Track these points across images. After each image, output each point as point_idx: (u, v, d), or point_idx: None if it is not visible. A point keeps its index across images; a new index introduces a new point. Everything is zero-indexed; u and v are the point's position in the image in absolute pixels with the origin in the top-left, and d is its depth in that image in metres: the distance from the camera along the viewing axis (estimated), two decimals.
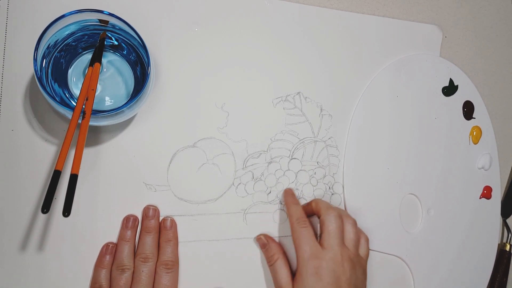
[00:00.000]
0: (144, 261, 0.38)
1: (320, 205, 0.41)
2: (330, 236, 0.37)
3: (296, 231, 0.39)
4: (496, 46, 0.55)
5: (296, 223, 0.39)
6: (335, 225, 0.38)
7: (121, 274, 0.37)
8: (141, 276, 0.37)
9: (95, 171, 0.39)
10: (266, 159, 0.44)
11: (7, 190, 0.38)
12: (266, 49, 0.44)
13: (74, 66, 0.37)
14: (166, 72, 0.41)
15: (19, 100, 0.38)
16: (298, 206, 0.41)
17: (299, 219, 0.39)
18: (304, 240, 0.38)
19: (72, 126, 0.32)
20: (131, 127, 0.40)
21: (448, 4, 0.52)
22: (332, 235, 0.38)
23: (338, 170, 0.47)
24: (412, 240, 0.49)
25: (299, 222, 0.39)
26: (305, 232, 0.38)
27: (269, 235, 0.43)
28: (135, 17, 0.38)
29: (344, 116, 0.47)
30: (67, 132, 0.32)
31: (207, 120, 0.42)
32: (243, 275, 0.43)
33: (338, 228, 0.38)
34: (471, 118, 0.52)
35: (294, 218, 0.40)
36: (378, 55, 0.48)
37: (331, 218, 0.38)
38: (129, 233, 0.39)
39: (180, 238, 0.41)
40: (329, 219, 0.39)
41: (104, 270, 0.38)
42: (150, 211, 0.40)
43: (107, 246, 0.39)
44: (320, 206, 0.41)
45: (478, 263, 0.52)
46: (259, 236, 0.43)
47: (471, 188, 0.52)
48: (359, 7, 0.48)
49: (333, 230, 0.38)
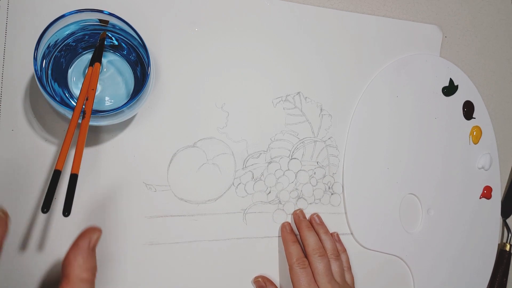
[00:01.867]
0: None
1: (304, 243, 0.43)
2: (320, 276, 0.41)
3: (295, 272, 0.40)
4: (496, 46, 0.55)
5: (296, 264, 0.41)
6: (322, 265, 0.41)
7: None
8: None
9: (95, 171, 0.39)
10: (266, 159, 0.44)
11: (7, 190, 0.38)
12: (266, 49, 0.44)
13: (74, 66, 0.37)
14: (166, 72, 0.41)
15: (19, 100, 0.38)
16: (296, 244, 0.42)
17: (298, 260, 0.41)
18: (304, 282, 0.40)
19: (72, 126, 0.32)
20: (131, 127, 0.40)
21: (448, 4, 0.52)
22: (321, 275, 0.40)
23: (338, 170, 0.47)
24: (412, 240, 0.49)
25: (298, 263, 0.41)
26: (304, 273, 0.40)
27: (267, 277, 0.43)
28: (135, 17, 0.38)
29: (344, 116, 0.47)
30: (67, 132, 0.32)
31: (207, 120, 0.42)
32: (243, 275, 0.43)
33: (325, 267, 0.41)
34: (471, 118, 0.52)
35: (293, 258, 0.41)
36: (378, 55, 0.48)
37: (317, 259, 0.41)
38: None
39: (180, 238, 0.41)
40: (316, 260, 0.41)
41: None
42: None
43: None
44: (304, 244, 0.43)
45: (478, 263, 0.52)
46: (257, 279, 0.43)
47: (471, 188, 0.52)
48: (359, 7, 0.48)
49: (321, 269, 0.41)
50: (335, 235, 0.46)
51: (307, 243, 0.42)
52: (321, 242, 0.43)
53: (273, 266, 0.44)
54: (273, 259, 0.44)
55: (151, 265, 0.41)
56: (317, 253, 0.41)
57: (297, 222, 0.44)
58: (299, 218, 0.44)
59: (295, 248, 0.42)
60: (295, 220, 0.44)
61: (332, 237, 0.45)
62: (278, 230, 0.44)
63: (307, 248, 0.42)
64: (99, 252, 0.39)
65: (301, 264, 0.41)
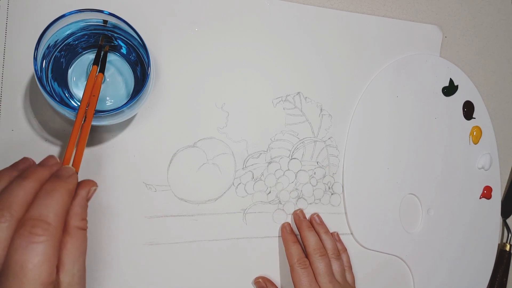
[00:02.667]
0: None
1: (305, 243, 0.43)
2: (321, 276, 0.41)
3: (297, 273, 0.41)
4: (496, 46, 0.55)
5: (297, 264, 0.41)
6: (323, 265, 0.41)
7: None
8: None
9: (95, 171, 0.39)
10: (266, 159, 0.44)
11: None
12: (266, 49, 0.44)
13: (74, 66, 0.37)
14: (166, 72, 0.41)
15: (19, 100, 0.38)
16: (297, 245, 0.42)
17: (299, 261, 0.41)
18: (305, 282, 0.40)
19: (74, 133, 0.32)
20: (131, 127, 0.40)
21: (448, 4, 0.52)
22: (322, 275, 0.41)
23: (338, 170, 0.47)
24: (412, 240, 0.49)
25: (299, 263, 0.41)
26: (305, 273, 0.40)
27: (268, 278, 0.43)
28: (135, 17, 0.38)
29: (344, 116, 0.47)
30: (70, 138, 0.32)
31: (207, 120, 0.42)
32: (243, 275, 0.43)
33: (326, 266, 0.41)
34: (471, 118, 0.52)
35: (294, 258, 0.41)
36: (378, 55, 0.48)
37: (318, 259, 0.41)
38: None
39: (180, 238, 0.41)
40: (316, 260, 0.41)
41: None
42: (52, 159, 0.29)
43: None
44: (305, 244, 0.43)
45: (478, 263, 0.52)
46: (258, 279, 0.43)
47: (471, 188, 0.52)
48: (359, 7, 0.48)
49: (322, 269, 0.41)
50: (335, 235, 0.46)
51: (308, 243, 0.42)
52: (321, 242, 0.43)
53: (273, 266, 0.44)
54: (273, 259, 0.44)
55: (151, 265, 0.41)
56: (317, 253, 0.41)
57: (298, 222, 0.44)
58: (299, 218, 0.44)
59: (295, 249, 0.42)
60: (295, 220, 0.44)
61: (332, 236, 0.45)
62: (278, 230, 0.44)
63: (308, 248, 0.42)
64: (99, 252, 0.39)
65: (302, 264, 0.41)
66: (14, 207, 0.24)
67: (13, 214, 0.23)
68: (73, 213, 0.26)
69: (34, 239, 0.23)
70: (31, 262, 0.22)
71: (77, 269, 0.25)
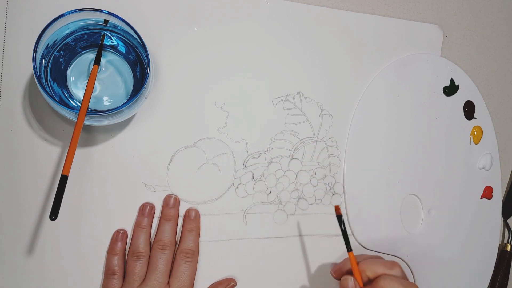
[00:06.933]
0: (162, 249, 0.38)
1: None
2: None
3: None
4: (497, 45, 0.55)
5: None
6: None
7: (136, 260, 0.37)
8: (158, 263, 0.38)
9: (94, 171, 0.39)
10: (266, 159, 0.44)
11: (6, 190, 0.37)
12: (266, 49, 0.44)
13: (73, 66, 0.37)
14: (165, 72, 0.41)
15: (18, 100, 0.38)
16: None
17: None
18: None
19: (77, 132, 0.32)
20: (130, 127, 0.40)
21: (449, 4, 0.52)
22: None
23: (338, 170, 0.47)
24: (413, 240, 0.49)
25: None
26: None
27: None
28: (135, 17, 0.38)
29: (344, 116, 0.47)
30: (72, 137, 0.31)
31: (206, 120, 0.42)
32: (243, 276, 0.43)
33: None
34: (472, 118, 0.52)
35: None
36: (378, 54, 0.48)
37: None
38: (145, 220, 0.39)
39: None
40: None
41: (117, 257, 0.38)
42: (171, 199, 0.40)
43: (118, 233, 0.39)
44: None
45: (478, 264, 0.52)
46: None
47: (472, 188, 0.52)
48: (359, 7, 0.48)
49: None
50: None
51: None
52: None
53: (273, 266, 0.44)
54: (274, 260, 0.44)
55: None
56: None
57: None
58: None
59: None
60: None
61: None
62: (278, 230, 0.44)
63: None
64: (99, 252, 0.39)
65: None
66: (168, 243, 0.39)
67: (170, 246, 0.39)
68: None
69: (187, 260, 0.39)
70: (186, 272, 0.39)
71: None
